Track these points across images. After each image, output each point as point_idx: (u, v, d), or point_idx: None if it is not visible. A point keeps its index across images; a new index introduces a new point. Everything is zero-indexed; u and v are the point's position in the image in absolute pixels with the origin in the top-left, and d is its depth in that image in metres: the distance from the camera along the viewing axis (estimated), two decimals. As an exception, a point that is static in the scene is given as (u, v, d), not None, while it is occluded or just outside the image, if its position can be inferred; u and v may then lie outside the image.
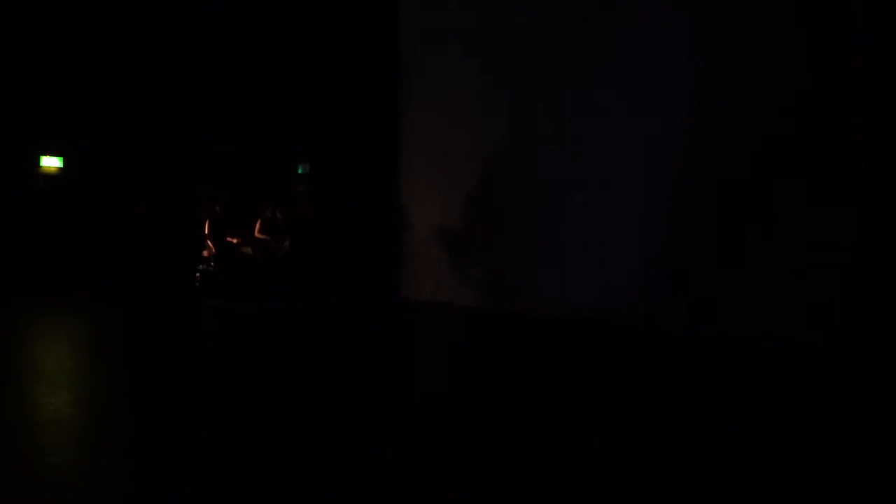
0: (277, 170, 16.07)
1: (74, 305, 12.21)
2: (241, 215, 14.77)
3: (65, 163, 14.97)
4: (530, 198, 11.45)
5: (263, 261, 14.07)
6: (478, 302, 12.10)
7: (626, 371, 7.43)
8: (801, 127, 8.44)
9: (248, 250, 14.28)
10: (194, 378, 6.86)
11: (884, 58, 7.90)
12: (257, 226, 14.36)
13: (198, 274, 14.07)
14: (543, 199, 11.24)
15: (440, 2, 13.19)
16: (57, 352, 8.28)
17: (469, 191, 12.44)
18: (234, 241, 14.32)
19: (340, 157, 14.80)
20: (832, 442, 4.91)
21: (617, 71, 10.33)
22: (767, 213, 8.70)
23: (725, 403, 5.96)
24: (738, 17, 9.13)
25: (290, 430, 4.96)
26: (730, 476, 4.12)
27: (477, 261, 12.30)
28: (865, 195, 7.95)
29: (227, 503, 3.65)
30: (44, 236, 14.34)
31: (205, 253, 14.24)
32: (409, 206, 13.77)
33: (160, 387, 6.35)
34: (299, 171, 16.13)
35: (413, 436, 4.96)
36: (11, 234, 13.99)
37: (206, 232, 14.20)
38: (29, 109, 14.20)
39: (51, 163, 14.86)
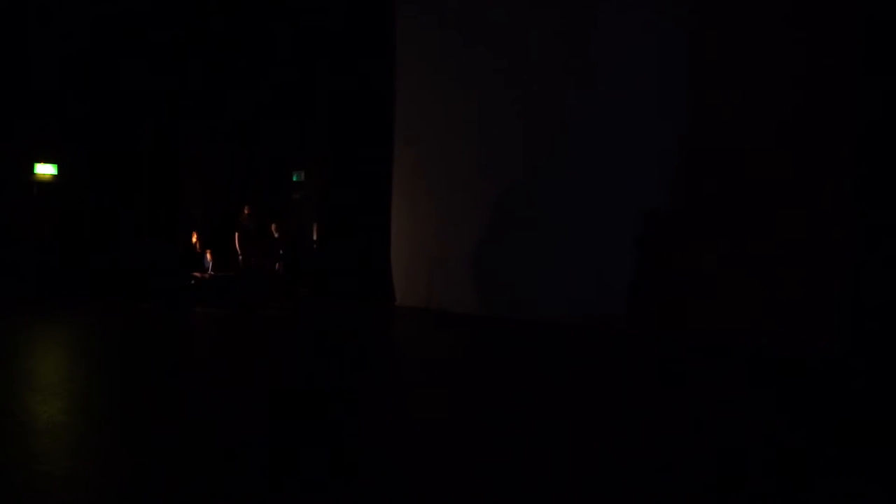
0: (273, 176, 16.13)
1: (69, 312, 12.18)
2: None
3: (59, 170, 14.96)
4: (525, 204, 11.49)
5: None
6: (472, 309, 12.12)
7: (619, 376, 7.47)
8: (798, 136, 8.51)
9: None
10: (189, 385, 6.89)
11: (877, 65, 7.97)
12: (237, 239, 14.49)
13: (192, 281, 14.10)
14: (538, 206, 11.28)
15: (435, 6, 13.23)
16: (51, 359, 8.28)
17: (463, 198, 12.48)
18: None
19: (335, 164, 14.83)
20: (829, 444, 4.96)
21: (615, 76, 10.38)
22: (763, 220, 8.75)
23: (722, 408, 6.00)
24: (734, 26, 9.20)
25: (285, 432, 4.98)
26: (730, 477, 4.17)
27: (471, 267, 12.33)
28: (859, 204, 8.01)
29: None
30: (38, 243, 14.32)
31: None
32: (403, 214, 13.80)
33: (153, 394, 6.37)
34: (294, 179, 16.18)
35: (407, 439, 4.99)
36: (5, 241, 13.97)
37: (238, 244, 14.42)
38: (24, 116, 14.20)
39: (45, 170, 14.85)
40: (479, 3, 12.33)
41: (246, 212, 14.54)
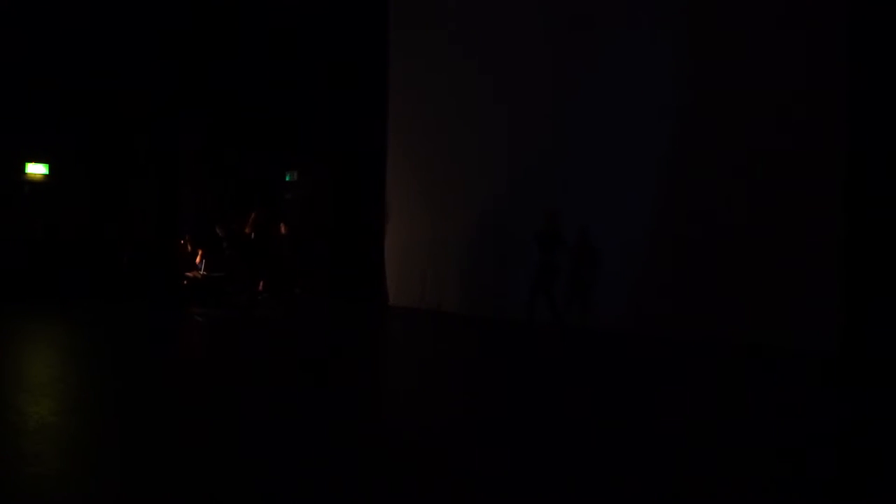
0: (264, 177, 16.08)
1: (60, 313, 12.10)
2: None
3: (50, 170, 14.88)
4: (519, 204, 11.46)
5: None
6: (465, 309, 12.09)
7: (612, 376, 7.44)
8: (795, 136, 8.50)
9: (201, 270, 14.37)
10: (182, 385, 6.84)
11: (870, 66, 7.98)
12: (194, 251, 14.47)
13: (185, 282, 14.03)
14: (532, 206, 11.24)
15: (430, 9, 13.21)
16: (42, 360, 8.21)
17: (456, 198, 12.44)
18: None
19: (328, 164, 14.80)
20: (829, 444, 4.95)
21: (610, 78, 10.35)
22: (762, 220, 8.74)
23: (721, 408, 5.99)
24: (730, 28, 9.20)
25: (282, 433, 4.94)
26: (727, 477, 4.14)
27: (464, 268, 12.29)
28: (857, 204, 8.02)
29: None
30: (30, 243, 14.23)
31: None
32: (396, 214, 13.77)
33: (146, 394, 6.31)
34: (287, 179, 16.13)
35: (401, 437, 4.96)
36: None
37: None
38: (15, 115, 14.10)
39: (36, 169, 14.77)
40: (474, 7, 12.30)
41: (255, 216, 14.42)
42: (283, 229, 14.42)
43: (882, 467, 4.48)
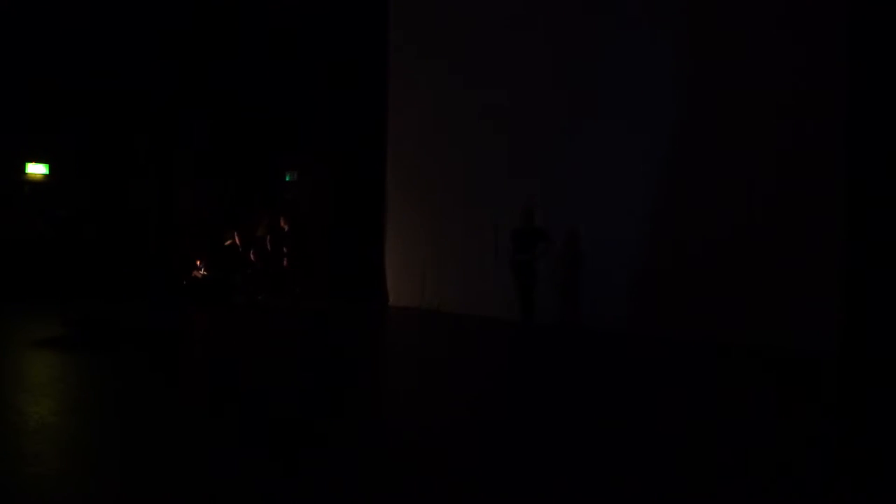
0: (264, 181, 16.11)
1: (60, 313, 12.08)
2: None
3: (50, 170, 14.88)
4: (518, 204, 11.44)
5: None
6: (465, 309, 12.08)
7: (612, 376, 7.44)
8: (793, 136, 8.50)
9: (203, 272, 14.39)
10: (182, 385, 6.84)
11: (870, 66, 7.97)
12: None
13: (185, 280, 14.04)
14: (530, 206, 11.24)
15: (430, 9, 13.22)
16: (42, 360, 8.20)
17: (456, 198, 12.44)
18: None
19: (328, 164, 14.80)
20: (828, 444, 4.95)
21: (607, 76, 10.35)
22: (762, 220, 8.73)
23: (721, 408, 5.98)
24: (726, 29, 9.20)
25: (282, 433, 4.93)
26: (727, 477, 4.14)
27: (463, 267, 12.29)
28: (856, 203, 8.01)
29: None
30: (30, 243, 14.22)
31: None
32: (397, 214, 13.77)
33: (146, 394, 6.31)
34: (287, 179, 16.14)
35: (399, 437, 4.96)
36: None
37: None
38: (15, 115, 14.09)
39: (36, 169, 14.76)
40: (475, 7, 12.30)
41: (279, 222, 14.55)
42: (282, 222, 14.44)
43: (882, 467, 4.48)
